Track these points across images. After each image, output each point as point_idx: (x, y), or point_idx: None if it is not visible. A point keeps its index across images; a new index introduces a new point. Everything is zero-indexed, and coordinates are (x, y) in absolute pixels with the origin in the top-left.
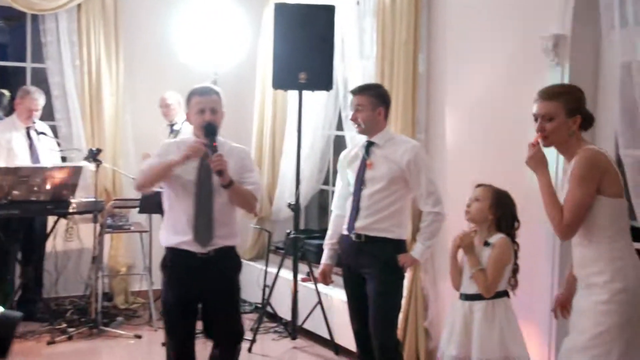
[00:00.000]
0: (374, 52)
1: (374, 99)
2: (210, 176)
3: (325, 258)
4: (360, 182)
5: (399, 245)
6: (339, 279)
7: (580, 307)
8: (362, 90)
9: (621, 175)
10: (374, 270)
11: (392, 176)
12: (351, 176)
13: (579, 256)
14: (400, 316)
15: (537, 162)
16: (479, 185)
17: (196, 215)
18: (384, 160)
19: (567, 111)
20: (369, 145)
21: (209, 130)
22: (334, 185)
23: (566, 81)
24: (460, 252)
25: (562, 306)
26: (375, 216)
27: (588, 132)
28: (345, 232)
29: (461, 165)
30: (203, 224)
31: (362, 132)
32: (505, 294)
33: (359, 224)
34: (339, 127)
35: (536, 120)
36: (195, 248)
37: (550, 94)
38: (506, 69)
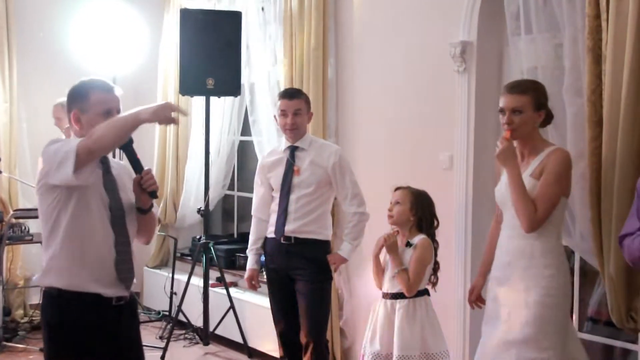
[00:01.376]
0: (282, 58)
1: (306, 104)
2: (118, 194)
3: (251, 263)
4: (287, 188)
5: (327, 246)
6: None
7: (518, 298)
8: (300, 94)
9: None
10: (305, 271)
11: (319, 180)
12: (274, 181)
13: (523, 245)
14: None
15: (507, 156)
16: (397, 188)
17: (117, 244)
18: (310, 164)
19: (534, 105)
20: (294, 150)
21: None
22: (238, 190)
23: (473, 86)
24: (383, 252)
25: (477, 297)
26: (304, 219)
27: None
28: (272, 236)
29: (371, 168)
30: (126, 258)
31: (296, 136)
32: (426, 292)
33: (288, 227)
34: (244, 132)
35: (502, 113)
36: (113, 292)
37: (519, 88)
38: (414, 74)
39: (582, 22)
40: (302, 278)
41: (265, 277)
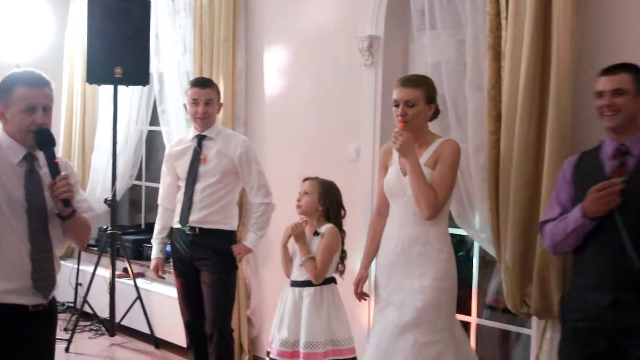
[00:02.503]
0: (191, 48)
1: (217, 94)
2: (42, 195)
3: (156, 252)
4: (193, 176)
5: (232, 236)
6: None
7: (415, 283)
8: (212, 84)
9: None
10: (210, 262)
11: (225, 170)
12: (181, 170)
13: (419, 232)
14: None
15: (408, 148)
16: (306, 179)
17: (34, 251)
18: (217, 154)
19: (426, 99)
20: (201, 139)
21: (44, 139)
22: (146, 180)
23: (380, 80)
24: (291, 241)
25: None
26: (209, 209)
27: None
28: (177, 226)
29: (280, 159)
30: (43, 266)
31: (205, 125)
32: (332, 280)
33: (193, 217)
34: (153, 122)
35: (397, 106)
36: (29, 300)
37: (413, 81)
38: (323, 67)
39: (483, 20)
40: (206, 268)
41: (172, 266)
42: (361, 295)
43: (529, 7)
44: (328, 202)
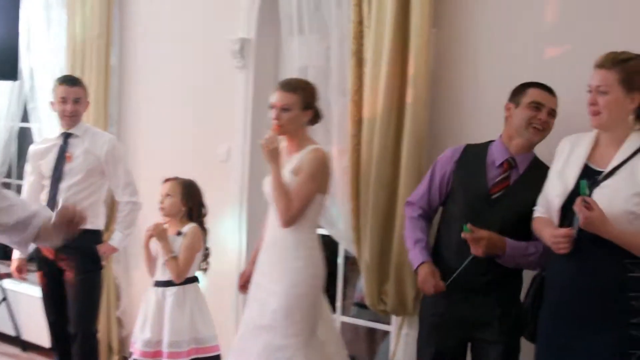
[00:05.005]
0: (64, 44)
1: (85, 92)
2: None
3: (17, 253)
4: (58, 175)
5: (97, 236)
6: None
7: (271, 288)
8: (81, 82)
9: None
10: (74, 261)
11: (91, 168)
12: (45, 168)
13: (279, 238)
14: None
15: (272, 154)
16: (167, 180)
17: None
18: (83, 152)
19: (302, 104)
20: (67, 136)
21: None
22: (17, 178)
23: (251, 82)
24: (155, 241)
25: (248, 281)
26: None
27: None
28: None
29: (152, 158)
30: None
31: (73, 123)
32: (195, 279)
33: None
34: (26, 118)
35: (273, 109)
36: None
37: (290, 86)
38: (196, 68)
39: (348, 27)
40: (70, 268)
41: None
42: (244, 288)
43: (389, 17)
44: (190, 202)
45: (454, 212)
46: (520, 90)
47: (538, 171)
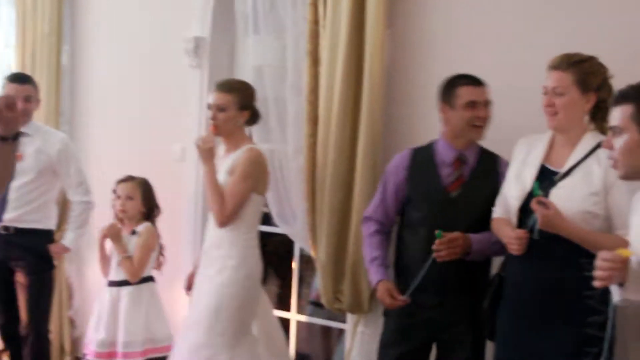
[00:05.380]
0: (13, 42)
1: (36, 91)
2: None
3: None
4: None
5: (48, 236)
6: None
7: (205, 285)
8: (31, 80)
9: None
10: (25, 262)
11: (42, 167)
12: None
13: (216, 237)
14: None
15: (206, 155)
16: (122, 181)
17: None
18: (34, 151)
19: (238, 105)
20: (18, 135)
21: None
22: None
23: (205, 81)
24: (109, 241)
25: (192, 283)
26: (24, 208)
27: None
28: None
29: (106, 157)
30: None
31: (25, 122)
32: (151, 279)
33: (7, 216)
34: None
35: (210, 109)
36: None
37: (226, 87)
38: (150, 66)
39: (303, 27)
40: (22, 269)
41: None
42: (189, 290)
43: (344, 17)
44: (149, 203)
45: (416, 218)
46: (450, 90)
47: (488, 160)
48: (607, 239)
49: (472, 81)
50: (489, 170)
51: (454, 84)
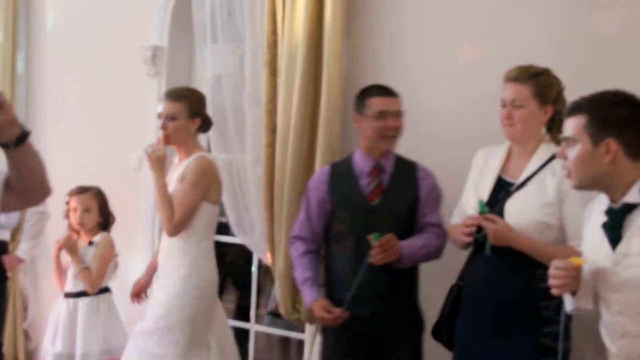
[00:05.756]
0: None
1: None
2: None
3: None
4: None
5: (2, 247)
6: None
7: (157, 294)
8: None
9: None
10: None
11: None
12: None
13: (168, 246)
14: None
15: (158, 163)
16: (77, 193)
17: None
18: None
19: (188, 113)
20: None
21: None
22: None
23: (163, 89)
24: (64, 253)
25: (141, 291)
26: None
27: None
28: None
29: (62, 166)
30: None
31: None
32: (107, 289)
33: None
34: None
35: (160, 118)
36: None
37: (175, 95)
38: (107, 74)
39: (261, 36)
40: None
41: None
42: (135, 297)
43: (302, 28)
44: (106, 214)
45: (341, 230)
46: (361, 101)
47: (405, 167)
48: (559, 250)
49: (384, 92)
50: (407, 177)
51: (365, 95)
